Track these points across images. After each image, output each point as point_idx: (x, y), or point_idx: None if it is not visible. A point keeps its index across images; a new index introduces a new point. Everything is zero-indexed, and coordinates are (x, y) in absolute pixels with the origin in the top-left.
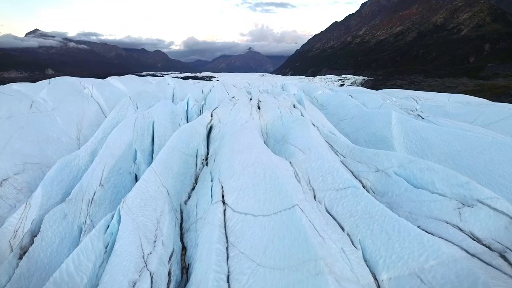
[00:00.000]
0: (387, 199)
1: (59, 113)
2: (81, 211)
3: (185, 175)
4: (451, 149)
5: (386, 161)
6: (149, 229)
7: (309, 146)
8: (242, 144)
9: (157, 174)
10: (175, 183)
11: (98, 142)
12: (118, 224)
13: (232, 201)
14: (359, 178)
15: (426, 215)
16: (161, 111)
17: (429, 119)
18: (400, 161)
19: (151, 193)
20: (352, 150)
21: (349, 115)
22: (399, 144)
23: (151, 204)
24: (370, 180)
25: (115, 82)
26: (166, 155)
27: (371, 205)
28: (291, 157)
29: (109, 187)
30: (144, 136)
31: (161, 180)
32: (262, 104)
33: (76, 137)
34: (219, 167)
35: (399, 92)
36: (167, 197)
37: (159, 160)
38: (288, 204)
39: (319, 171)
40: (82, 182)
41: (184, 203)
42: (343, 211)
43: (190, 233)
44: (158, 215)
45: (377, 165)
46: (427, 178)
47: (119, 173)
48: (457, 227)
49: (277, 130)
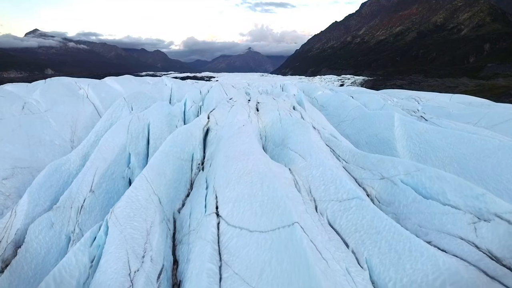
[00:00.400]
0: (393, 209)
1: (53, 114)
2: (69, 219)
3: (179, 181)
4: (456, 153)
5: (392, 168)
6: (137, 243)
7: (309, 152)
8: (238, 150)
9: (148, 181)
10: (168, 191)
11: (91, 145)
12: (105, 236)
13: (227, 213)
14: (363, 186)
15: (437, 229)
16: (157, 112)
17: (433, 121)
18: (407, 169)
19: (141, 202)
20: (355, 155)
21: (350, 116)
22: (402, 146)
23: (141, 214)
24: (375, 188)
25: (112, 83)
26: (158, 161)
27: (378, 219)
28: (291, 164)
29: (101, 193)
30: (139, 139)
31: (153, 187)
32: (260, 106)
33: (70, 139)
34: (214, 174)
35: (400, 92)
36: (158, 206)
37: (151, 166)
38: (288, 220)
39: (320, 180)
40: (72, 188)
41: (178, 212)
42: (347, 224)
43: (182, 245)
44: (148, 227)
45: (382, 172)
46: (437, 187)
47: (112, 178)
48: (473, 244)
49: (276, 133)
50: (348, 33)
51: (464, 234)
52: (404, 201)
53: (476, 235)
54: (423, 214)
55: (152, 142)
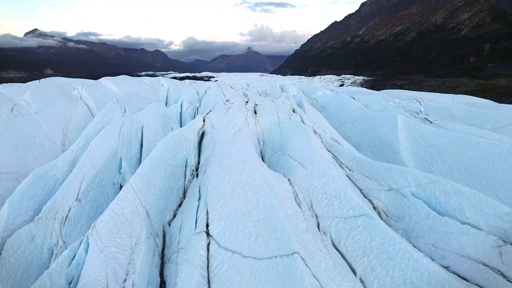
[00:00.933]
0: (403, 225)
1: (43, 116)
2: (52, 231)
3: (171, 190)
4: (464, 157)
5: (401, 178)
6: (120, 263)
7: (310, 160)
8: (233, 158)
9: (135, 192)
10: (157, 201)
11: (80, 149)
12: (85, 254)
13: (218, 233)
14: (369, 198)
15: (456, 252)
16: (151, 114)
17: (437, 123)
18: (418, 180)
19: (127, 216)
20: (359, 162)
21: (351, 118)
22: (406, 150)
23: (126, 230)
24: (382, 201)
25: (107, 83)
26: (148, 169)
27: (389, 241)
28: (290, 173)
29: (88, 201)
30: (131, 142)
31: (140, 198)
32: (258, 108)
33: (61, 142)
34: (207, 184)
35: (401, 93)
36: (146, 220)
37: (139, 175)
38: (286, 249)
39: (323, 192)
40: (56, 197)
41: (168, 224)
42: (354, 247)
43: (170, 264)
44: (133, 244)
45: (390, 182)
46: (453, 203)
47: (101, 185)
48: (499, 273)
49: (274, 138)
50: (348, 33)
51: (487, 260)
52: (416, 217)
53: (502, 262)
54: (438, 233)
55: (146, 145)
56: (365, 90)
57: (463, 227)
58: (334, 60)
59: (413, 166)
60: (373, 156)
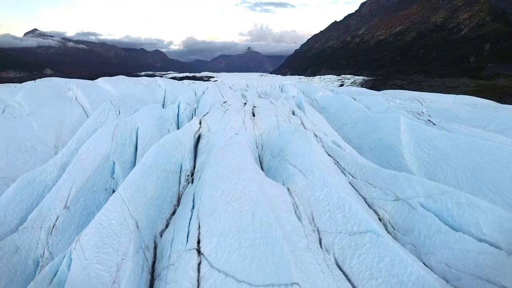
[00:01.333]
0: (412, 239)
1: (36, 118)
2: (38, 241)
3: (163, 197)
4: (470, 161)
5: (409, 188)
6: (103, 282)
7: (311, 168)
8: (228, 166)
9: (124, 201)
10: (148, 211)
11: (71, 153)
12: (68, 271)
13: (210, 251)
14: (374, 208)
15: (472, 273)
16: (147, 116)
17: (441, 125)
18: (428, 190)
19: (114, 228)
20: (362, 168)
21: (352, 119)
22: (409, 153)
23: (112, 244)
24: (388, 211)
25: (103, 84)
26: (138, 176)
27: (400, 263)
28: (290, 182)
29: (77, 209)
30: (125, 145)
31: (130, 208)
32: (257, 110)
33: (54, 145)
34: (201, 193)
35: (402, 93)
36: (135, 232)
37: (128, 183)
38: (285, 277)
39: (325, 204)
40: (43, 204)
41: (160, 235)
42: (360, 268)
43: (160, 282)
44: (119, 260)
45: (397, 192)
46: (468, 217)
47: (92, 191)
48: None
49: (273, 142)
50: (347, 33)
51: (510, 284)
52: (426, 231)
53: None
54: (452, 250)
55: (141, 148)
56: (365, 90)
57: (480, 245)
58: (334, 60)
59: (416, 170)
60: (375, 159)
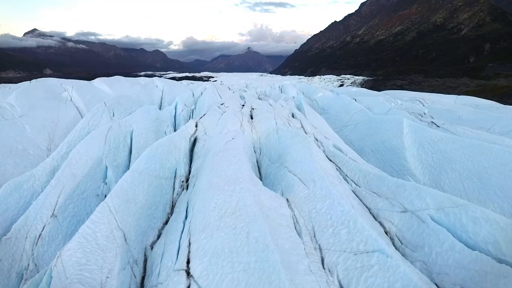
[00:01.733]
0: (422, 256)
1: (29, 120)
2: (23, 252)
3: (156, 205)
4: (476, 165)
5: (417, 198)
6: None
7: (312, 177)
8: (223, 174)
9: (112, 211)
10: (138, 221)
11: (61, 157)
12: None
13: (200, 273)
14: (379, 220)
15: None
16: (142, 118)
17: (445, 127)
18: (439, 202)
19: (99, 242)
20: (366, 176)
21: (353, 121)
22: (412, 156)
23: (97, 260)
24: (395, 224)
25: (100, 84)
26: (128, 184)
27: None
28: (289, 192)
29: (66, 217)
30: (119, 149)
31: (118, 220)
32: (255, 113)
33: (46, 147)
34: (194, 204)
35: (403, 93)
36: (122, 246)
37: (117, 192)
38: None
39: (328, 218)
40: (29, 213)
41: (151, 247)
42: None
43: None
44: (103, 278)
45: (404, 202)
46: (486, 234)
47: (82, 197)
48: None
49: (272, 147)
50: (347, 33)
51: None
52: (438, 248)
53: None
54: (467, 271)
55: (135, 152)
56: (366, 90)
57: (500, 266)
58: (333, 60)
59: (420, 174)
60: (377, 162)
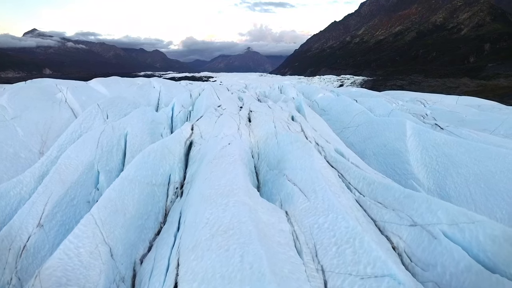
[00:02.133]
0: (434, 276)
1: (21, 122)
2: (5, 265)
3: (147, 215)
4: (483, 170)
5: (428, 212)
6: None
7: (313, 187)
8: (216, 185)
9: (97, 224)
10: (127, 234)
11: (51, 162)
12: None
13: None
14: (386, 233)
15: None
16: (137, 120)
17: (449, 130)
18: (452, 217)
19: (82, 259)
20: (371, 184)
21: (354, 123)
22: (416, 160)
23: (79, 279)
24: (404, 239)
25: (96, 85)
26: (117, 193)
27: None
28: (288, 203)
29: (53, 226)
30: (112, 153)
31: (104, 233)
32: (253, 115)
33: (39, 151)
34: (186, 216)
35: (403, 94)
36: (108, 262)
37: (104, 202)
38: None
39: (331, 235)
40: (13, 223)
41: (140, 261)
42: None
43: None
44: None
45: (413, 215)
46: (507, 255)
47: (71, 204)
48: None
49: (270, 152)
50: (347, 33)
51: None
52: (452, 268)
53: None
54: None
55: (129, 155)
56: (366, 91)
57: None
58: (333, 60)
59: (424, 178)
60: (379, 166)
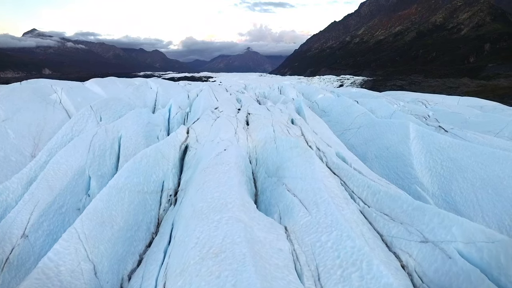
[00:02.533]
0: None
1: (12, 124)
2: None
3: (138, 225)
4: (490, 174)
5: (440, 227)
6: None
7: (315, 199)
8: (209, 198)
9: (81, 239)
10: (114, 247)
11: (40, 167)
12: None
13: None
14: (394, 250)
15: None
16: (132, 122)
17: (454, 132)
18: (469, 235)
19: (62, 278)
20: (376, 194)
21: (355, 124)
22: (420, 163)
23: None
24: (414, 257)
25: (92, 86)
26: (104, 203)
27: None
28: (288, 217)
29: (39, 236)
30: (105, 157)
31: (87, 249)
32: (251, 118)
33: (31, 154)
34: (176, 229)
35: (404, 94)
36: (90, 281)
37: (89, 214)
38: None
39: (335, 256)
40: None
41: (128, 278)
42: None
43: None
44: None
45: (424, 230)
46: None
47: (59, 212)
48: None
49: (269, 157)
50: (347, 33)
51: None
52: None
53: None
54: None
55: (123, 159)
56: (366, 91)
57: None
58: (333, 60)
59: (428, 182)
60: (382, 169)
